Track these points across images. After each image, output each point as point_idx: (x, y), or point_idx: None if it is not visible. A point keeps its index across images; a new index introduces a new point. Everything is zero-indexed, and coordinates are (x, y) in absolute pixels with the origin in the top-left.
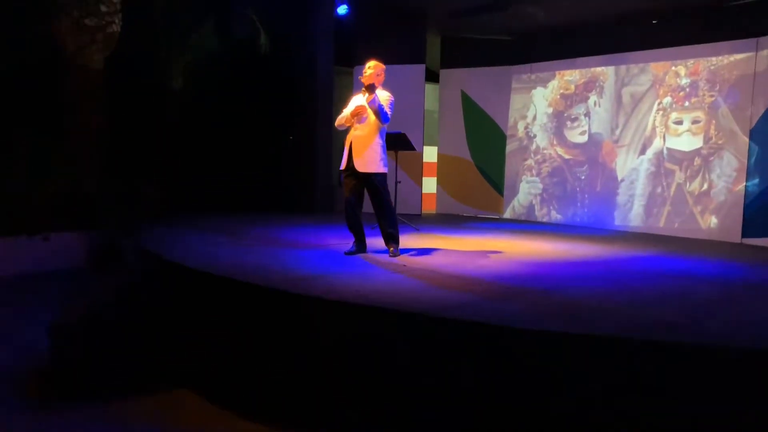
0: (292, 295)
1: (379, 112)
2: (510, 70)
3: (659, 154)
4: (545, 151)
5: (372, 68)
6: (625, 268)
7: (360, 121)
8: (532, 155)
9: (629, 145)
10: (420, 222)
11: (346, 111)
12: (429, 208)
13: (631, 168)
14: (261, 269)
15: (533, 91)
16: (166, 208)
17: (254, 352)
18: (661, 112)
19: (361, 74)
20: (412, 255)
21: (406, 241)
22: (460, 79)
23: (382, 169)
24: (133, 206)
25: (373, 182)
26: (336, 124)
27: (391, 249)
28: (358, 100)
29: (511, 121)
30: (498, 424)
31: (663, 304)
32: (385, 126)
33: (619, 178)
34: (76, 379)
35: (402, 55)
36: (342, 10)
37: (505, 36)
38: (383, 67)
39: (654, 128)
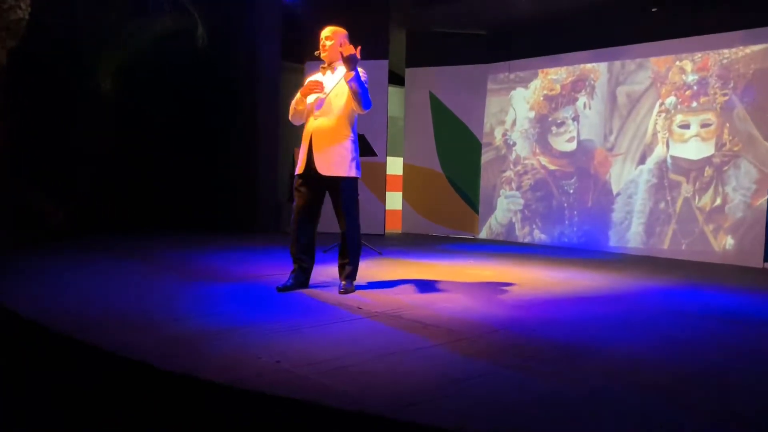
0: (157, 372)
1: (360, 95)
2: (485, 68)
3: (662, 164)
4: (527, 162)
5: (331, 36)
6: (641, 304)
7: (317, 106)
8: (512, 166)
9: (626, 153)
10: (383, 244)
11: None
12: (393, 227)
13: (629, 180)
14: (133, 317)
15: (512, 92)
16: (72, 227)
17: None
18: (663, 115)
19: (320, 48)
20: (370, 290)
21: (366, 268)
22: (428, 79)
23: (352, 173)
24: (26, 224)
25: (339, 190)
26: (289, 116)
27: (344, 283)
28: (317, 78)
29: (486, 127)
30: None
31: (726, 372)
32: (365, 113)
33: (615, 192)
34: None
35: (362, 50)
36: None
37: (480, 30)
38: (345, 32)
39: (655, 133)
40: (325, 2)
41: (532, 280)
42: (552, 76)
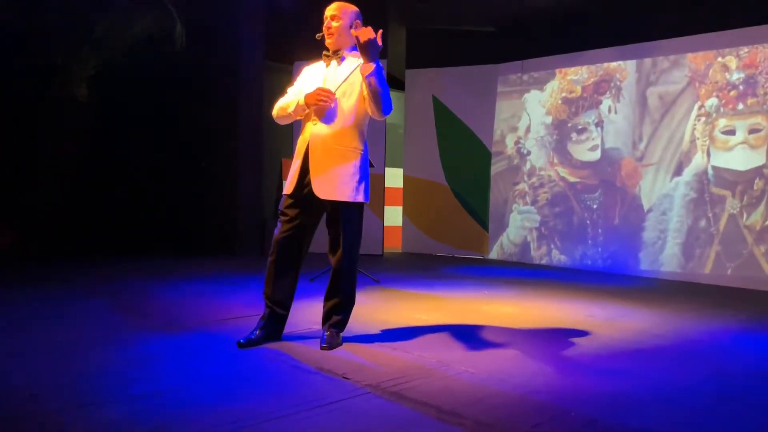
0: None
1: (381, 95)
2: (495, 69)
3: (702, 175)
4: (543, 173)
5: (338, 15)
6: (729, 362)
7: (323, 117)
8: (526, 178)
9: (659, 163)
10: (381, 268)
11: (292, 94)
12: (393, 245)
13: (663, 194)
14: (16, 402)
15: (526, 95)
16: (25, 250)
17: None
18: (703, 119)
19: (323, 29)
20: (362, 343)
21: (359, 304)
22: (431, 81)
23: (359, 197)
24: None
25: (340, 219)
26: (275, 114)
27: (328, 334)
28: (317, 73)
29: (497, 134)
30: None
31: None
32: (383, 119)
33: (646, 208)
34: None
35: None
36: None
37: (488, 26)
38: (357, 10)
39: (693, 140)
40: (312, 1)
41: (567, 319)
42: (571, 76)
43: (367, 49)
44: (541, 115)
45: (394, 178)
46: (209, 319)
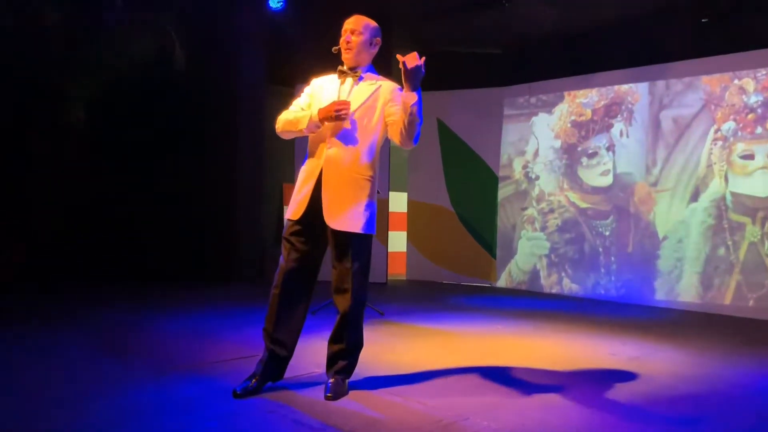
0: None
1: (418, 127)
2: (501, 91)
3: (720, 202)
4: (552, 198)
5: (359, 29)
6: None
7: (338, 134)
8: (535, 203)
9: (674, 189)
10: (386, 298)
11: (299, 107)
12: (397, 271)
13: (678, 221)
14: None
15: (534, 118)
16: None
17: None
18: (719, 143)
19: (339, 42)
20: (370, 390)
21: (366, 340)
22: (435, 104)
23: (371, 229)
24: None
25: (350, 252)
26: (279, 128)
27: (333, 381)
28: (330, 87)
29: (504, 158)
30: None
31: None
32: (409, 149)
33: (661, 235)
34: None
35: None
36: (275, 1)
37: (495, 48)
38: (378, 27)
39: (710, 165)
40: (317, 18)
41: (590, 358)
42: (581, 99)
43: (413, 77)
44: (550, 139)
45: (398, 202)
46: (204, 360)
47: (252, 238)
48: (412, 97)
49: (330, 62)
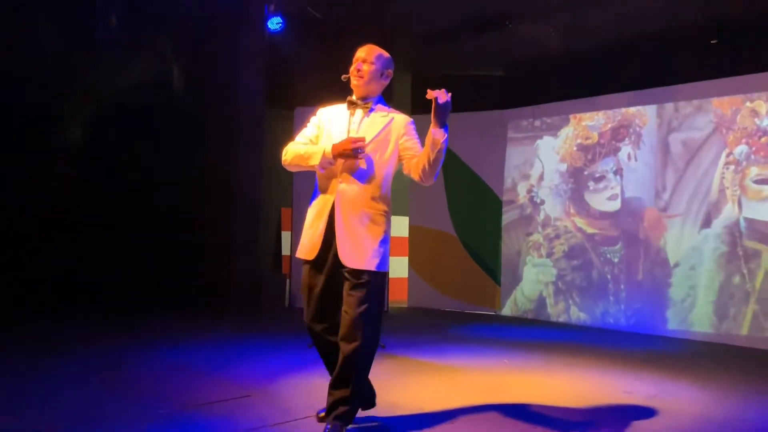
0: None
1: (440, 163)
2: (505, 114)
3: (733, 227)
4: (559, 223)
5: (371, 59)
6: None
7: (354, 172)
8: (540, 228)
9: (685, 214)
10: (387, 328)
11: (308, 139)
12: (398, 298)
13: (691, 247)
14: None
15: (538, 141)
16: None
17: None
18: (732, 167)
19: (349, 71)
20: None
21: None
22: None
23: (386, 266)
24: None
25: (363, 290)
26: (288, 161)
27: (331, 426)
28: (338, 119)
29: (508, 181)
30: None
31: None
32: (427, 185)
33: (672, 262)
34: None
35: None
36: (275, 23)
37: (497, 71)
38: (390, 57)
39: (722, 190)
40: (317, 40)
41: (605, 396)
42: (587, 122)
43: (443, 113)
44: (555, 162)
45: (398, 226)
46: (198, 401)
47: (249, 265)
48: (442, 135)
49: (330, 85)
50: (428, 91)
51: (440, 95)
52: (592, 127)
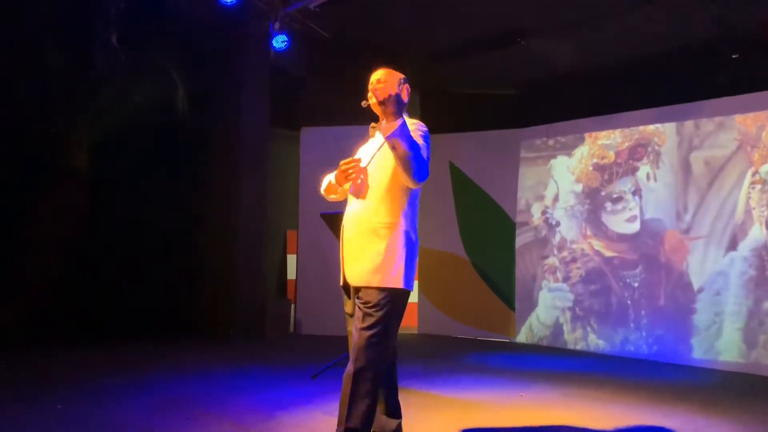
0: None
1: (411, 158)
2: (517, 133)
3: (761, 251)
4: (575, 246)
5: (385, 80)
6: None
7: (356, 187)
8: (556, 251)
9: (708, 236)
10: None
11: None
12: (407, 323)
13: (716, 272)
14: None
15: (552, 161)
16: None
17: None
18: (758, 187)
19: (367, 97)
20: None
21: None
22: (447, 147)
23: (396, 283)
24: None
25: (367, 308)
26: (323, 191)
27: None
28: (367, 145)
29: (521, 203)
30: None
31: None
32: (419, 187)
33: (696, 287)
34: None
35: (367, 114)
36: (280, 42)
37: (509, 89)
38: (403, 76)
39: (749, 210)
40: (323, 60)
41: None
42: (603, 140)
43: (386, 106)
44: (571, 183)
45: None
46: None
47: (252, 291)
48: (390, 128)
49: (337, 105)
50: (362, 102)
51: (379, 92)
52: (608, 146)
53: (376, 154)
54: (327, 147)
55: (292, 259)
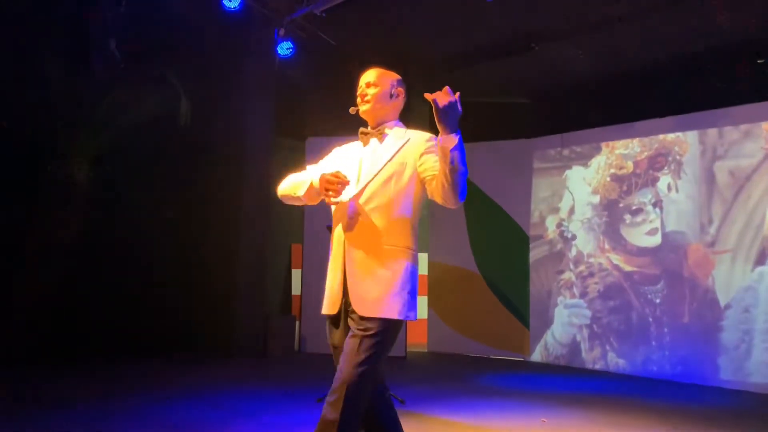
0: None
1: (461, 175)
2: (530, 143)
3: None
4: (592, 260)
5: (377, 82)
6: None
7: (362, 202)
8: (572, 266)
9: (735, 250)
10: (405, 377)
11: (309, 172)
12: (417, 340)
13: (743, 287)
14: None
15: (567, 171)
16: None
17: None
18: None
19: (356, 101)
20: None
21: None
22: None
23: (410, 314)
24: None
25: (369, 339)
26: (281, 192)
27: None
28: (351, 154)
29: (535, 215)
30: None
31: None
32: (455, 207)
33: (723, 304)
34: None
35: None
36: (285, 49)
37: (522, 98)
38: (399, 78)
39: None
40: (330, 67)
41: None
42: (621, 150)
43: (447, 116)
44: (587, 194)
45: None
46: None
47: (254, 307)
48: (450, 141)
49: (343, 115)
50: (425, 94)
51: (440, 97)
52: (626, 156)
53: (387, 166)
54: None
55: (297, 274)
